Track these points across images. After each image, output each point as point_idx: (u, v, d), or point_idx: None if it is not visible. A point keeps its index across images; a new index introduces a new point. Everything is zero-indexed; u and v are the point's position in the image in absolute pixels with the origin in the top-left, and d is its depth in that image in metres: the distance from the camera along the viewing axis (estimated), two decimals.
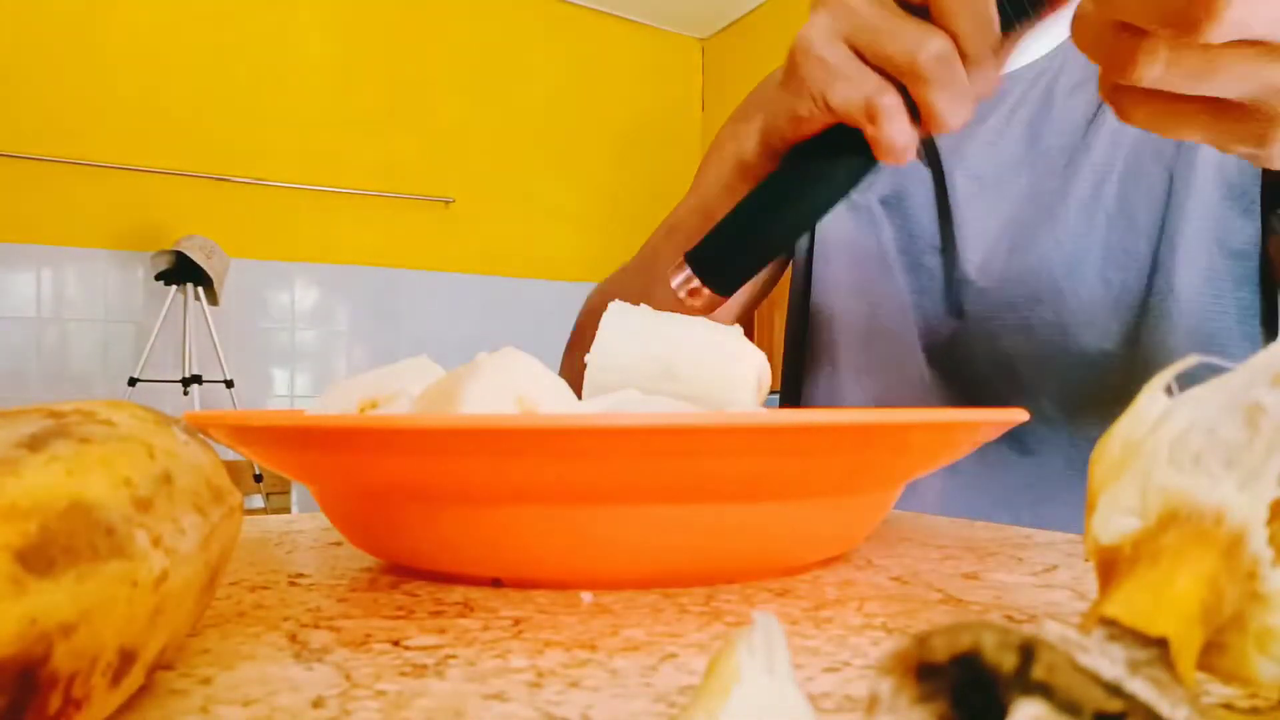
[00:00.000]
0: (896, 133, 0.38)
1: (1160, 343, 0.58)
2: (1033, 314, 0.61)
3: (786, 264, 0.77)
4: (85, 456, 0.16)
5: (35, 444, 0.16)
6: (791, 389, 0.74)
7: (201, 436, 0.22)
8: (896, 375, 0.67)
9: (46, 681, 0.14)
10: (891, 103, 0.38)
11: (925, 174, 0.68)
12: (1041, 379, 0.61)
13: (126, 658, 0.16)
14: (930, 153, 0.67)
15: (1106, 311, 0.60)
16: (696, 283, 0.43)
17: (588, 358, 0.36)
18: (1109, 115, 0.61)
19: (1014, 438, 0.62)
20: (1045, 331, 0.61)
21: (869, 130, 0.39)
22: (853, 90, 0.38)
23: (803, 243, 0.73)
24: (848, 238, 0.69)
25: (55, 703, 0.14)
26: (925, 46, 0.36)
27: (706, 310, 0.44)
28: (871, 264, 0.68)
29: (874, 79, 0.38)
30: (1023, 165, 0.64)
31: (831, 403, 0.69)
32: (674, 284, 0.44)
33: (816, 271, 0.71)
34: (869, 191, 0.69)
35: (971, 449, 0.34)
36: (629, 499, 0.28)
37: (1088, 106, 0.63)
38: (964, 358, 0.65)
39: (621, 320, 0.37)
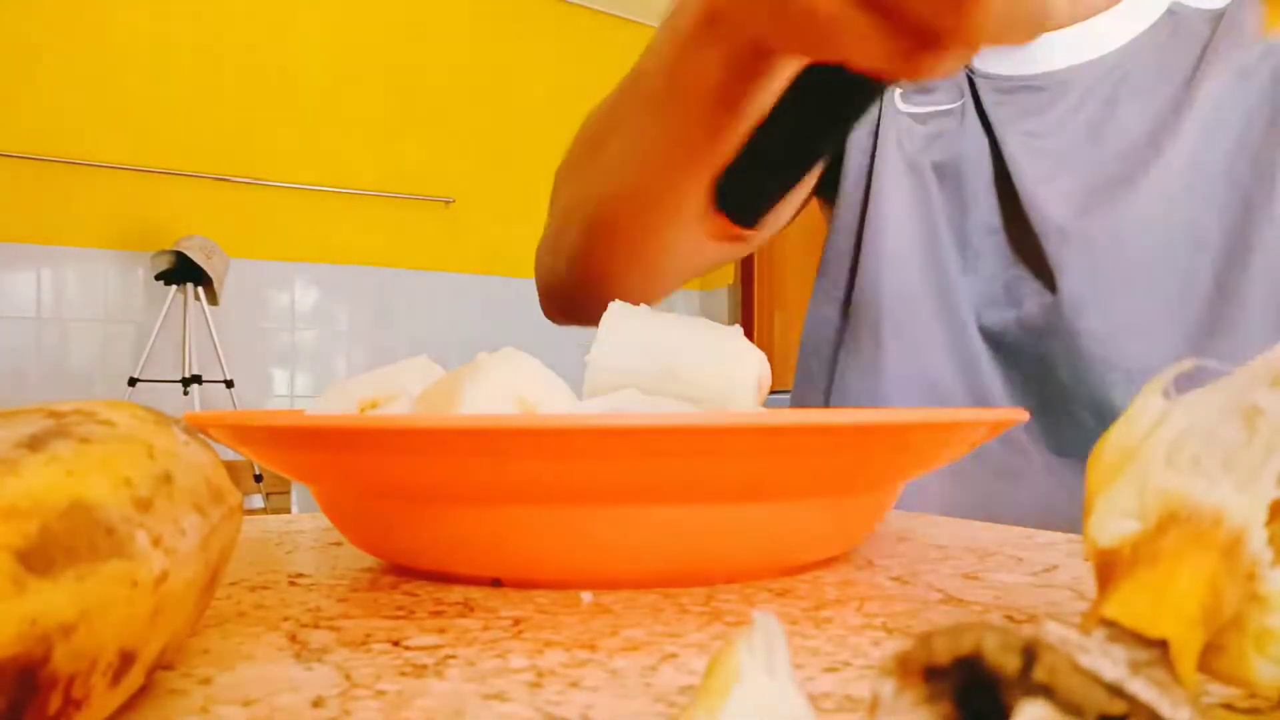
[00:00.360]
0: (939, 72, 0.32)
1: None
2: (1079, 320, 0.60)
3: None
4: (85, 456, 0.16)
5: (35, 444, 0.16)
6: (823, 369, 0.71)
7: (201, 436, 0.22)
8: (946, 354, 0.65)
9: (46, 682, 0.14)
10: (931, 55, 0.31)
11: (983, 144, 0.64)
12: (1079, 388, 0.60)
13: (126, 658, 0.16)
14: (985, 124, 0.64)
15: (1157, 328, 0.59)
16: (731, 226, 0.40)
17: (588, 358, 0.36)
18: (1183, 128, 0.58)
19: (1048, 435, 0.61)
20: (1088, 341, 0.59)
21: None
22: (879, 48, 0.31)
23: (853, 212, 0.69)
24: (900, 210, 0.66)
25: (55, 703, 0.14)
26: None
27: (734, 240, 0.41)
28: (920, 234, 0.66)
29: (903, 37, 0.31)
30: (1081, 167, 0.61)
31: (874, 381, 0.67)
32: (710, 234, 0.41)
33: (867, 243, 0.67)
34: (924, 154, 0.66)
35: (971, 449, 0.34)
36: (629, 499, 0.28)
37: (1158, 114, 0.60)
38: (1012, 346, 0.63)
39: (622, 321, 0.37)
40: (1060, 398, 0.61)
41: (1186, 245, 0.59)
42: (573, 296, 0.64)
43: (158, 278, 2.92)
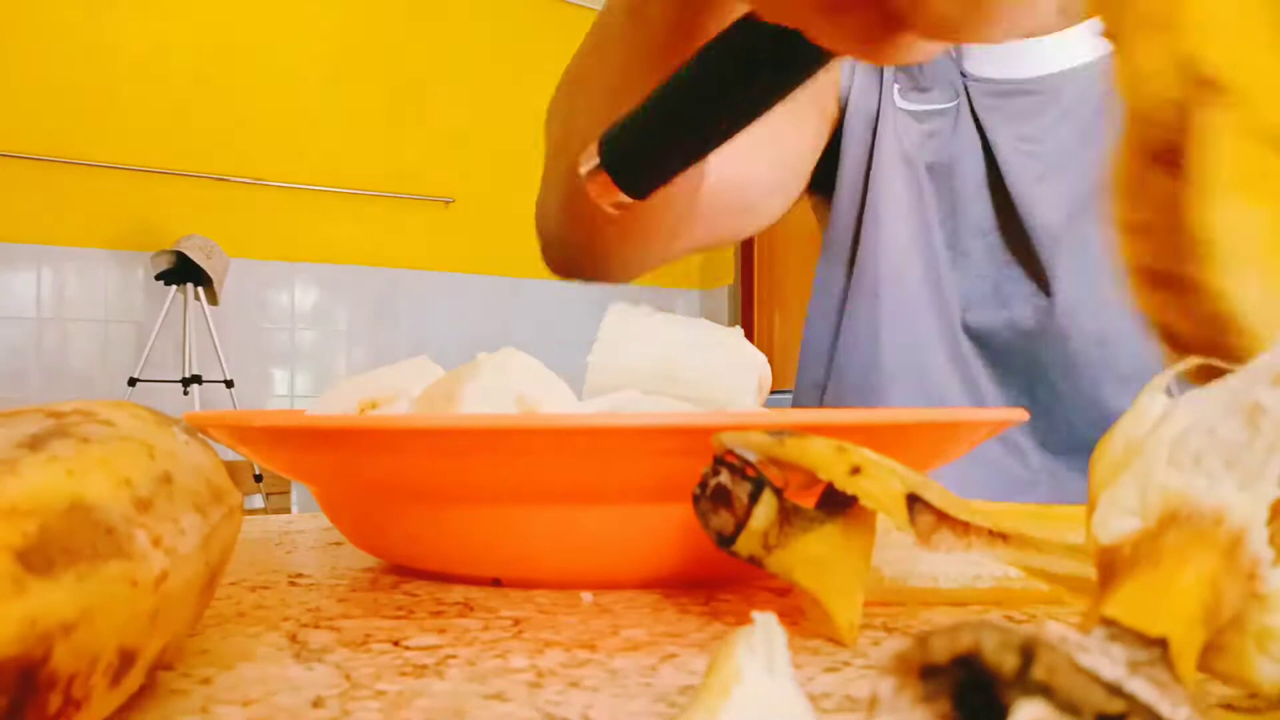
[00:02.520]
0: (902, 57, 0.29)
1: None
2: (1073, 324, 0.60)
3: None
4: (85, 456, 0.16)
5: (35, 444, 0.16)
6: (821, 355, 0.71)
7: (201, 436, 0.22)
8: (940, 347, 0.65)
9: (46, 682, 0.14)
10: (902, 39, 0.28)
11: (976, 146, 0.64)
12: (1073, 392, 0.60)
13: (126, 658, 0.16)
14: (979, 126, 0.64)
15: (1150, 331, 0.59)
16: (608, 180, 0.35)
17: (589, 359, 0.36)
18: None
19: (1044, 436, 0.62)
20: (1082, 345, 0.60)
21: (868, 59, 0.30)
22: (848, 22, 0.28)
23: (852, 201, 0.69)
24: (897, 202, 0.66)
25: (55, 703, 0.14)
26: None
27: (618, 209, 0.36)
28: (916, 228, 0.66)
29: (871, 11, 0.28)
30: (1074, 171, 0.62)
31: (871, 374, 0.67)
32: (582, 171, 0.36)
33: (866, 232, 0.67)
34: (920, 152, 0.66)
35: (971, 448, 0.34)
36: (628, 499, 0.28)
37: None
38: (1002, 348, 0.63)
39: (622, 321, 0.37)
40: (1054, 400, 0.61)
41: None
42: (566, 244, 0.63)
43: (158, 278, 2.91)
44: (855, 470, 0.22)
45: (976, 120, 0.65)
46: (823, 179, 0.72)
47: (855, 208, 0.69)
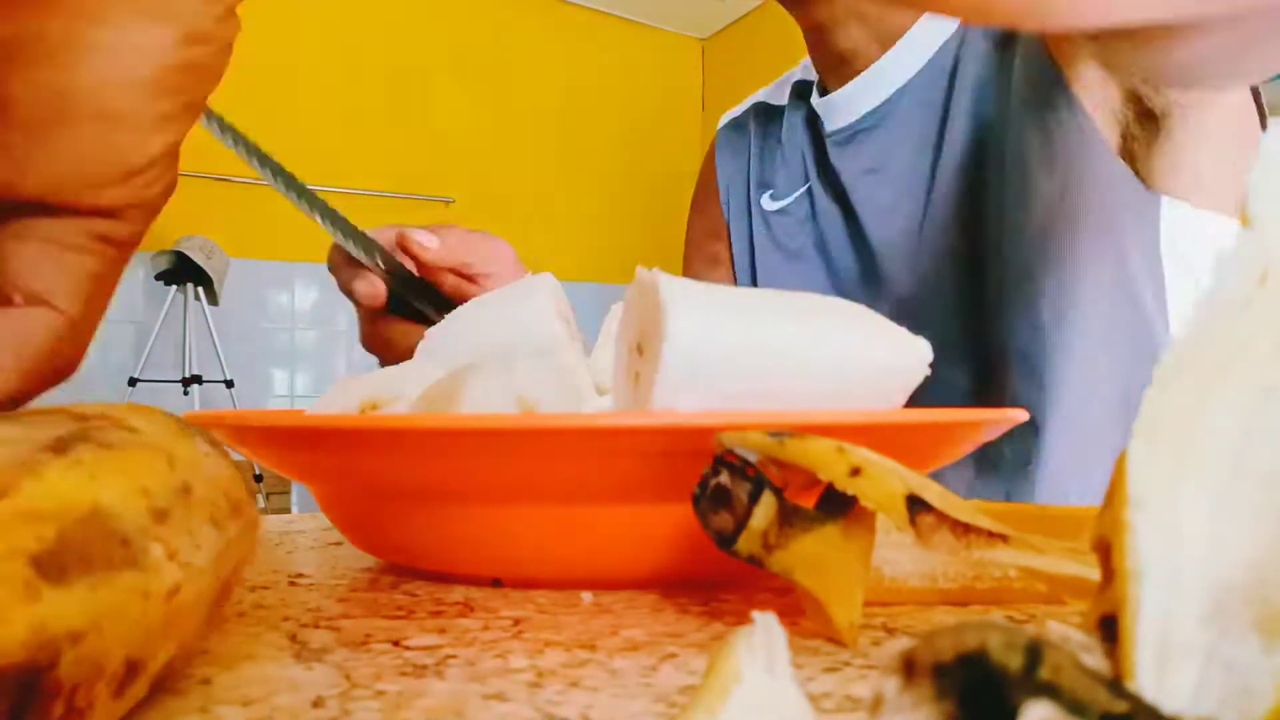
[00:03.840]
0: None
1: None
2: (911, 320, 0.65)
3: None
4: (107, 463, 0.16)
5: (60, 447, 0.16)
6: None
7: (224, 446, 0.22)
8: None
9: (50, 689, 0.14)
10: None
11: (835, 212, 0.69)
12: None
13: (132, 669, 0.16)
14: (838, 188, 0.69)
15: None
16: None
17: (588, 359, 0.36)
18: (951, 129, 0.62)
19: None
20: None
21: None
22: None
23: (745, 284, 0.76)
24: (787, 285, 0.72)
25: (57, 710, 0.14)
26: None
27: None
28: None
29: None
30: (916, 189, 0.65)
31: None
32: None
33: None
34: (799, 238, 0.72)
35: (972, 448, 0.34)
36: (629, 499, 0.28)
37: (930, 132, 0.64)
38: None
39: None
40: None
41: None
42: None
43: (158, 278, 2.91)
44: (855, 471, 0.22)
45: (834, 181, 0.69)
46: None
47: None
